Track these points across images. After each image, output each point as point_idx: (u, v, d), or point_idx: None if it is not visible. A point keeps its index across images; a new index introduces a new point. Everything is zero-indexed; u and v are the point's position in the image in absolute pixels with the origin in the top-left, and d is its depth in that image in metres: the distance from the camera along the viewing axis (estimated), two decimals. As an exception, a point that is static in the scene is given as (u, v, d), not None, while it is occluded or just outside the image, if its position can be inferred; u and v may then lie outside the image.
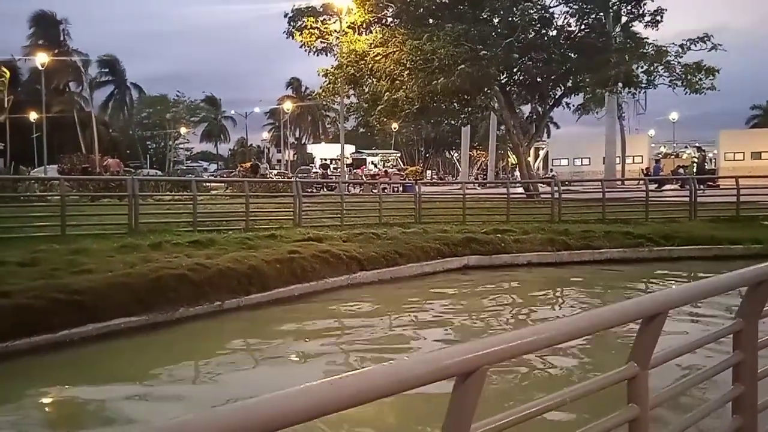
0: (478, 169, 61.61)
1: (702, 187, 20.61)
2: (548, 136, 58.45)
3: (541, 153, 57.12)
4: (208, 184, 30.56)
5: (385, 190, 27.61)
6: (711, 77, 21.72)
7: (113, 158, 40.64)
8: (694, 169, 32.57)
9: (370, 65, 22.36)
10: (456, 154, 60.92)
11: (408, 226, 14.92)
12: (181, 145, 75.58)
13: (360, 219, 16.47)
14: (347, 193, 25.63)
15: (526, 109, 31.10)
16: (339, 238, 12.63)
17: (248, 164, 37.85)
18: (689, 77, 21.85)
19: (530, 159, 48.71)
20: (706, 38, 21.73)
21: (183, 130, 68.81)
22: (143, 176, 29.15)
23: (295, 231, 13.42)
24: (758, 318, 2.92)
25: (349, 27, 23.18)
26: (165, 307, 8.39)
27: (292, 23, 24.18)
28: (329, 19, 23.78)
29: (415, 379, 1.38)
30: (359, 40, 23.04)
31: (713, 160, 46.11)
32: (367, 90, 24.76)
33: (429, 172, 59.70)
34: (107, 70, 65.27)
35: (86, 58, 59.19)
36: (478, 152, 60.58)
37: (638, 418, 2.15)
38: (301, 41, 23.98)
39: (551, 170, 50.04)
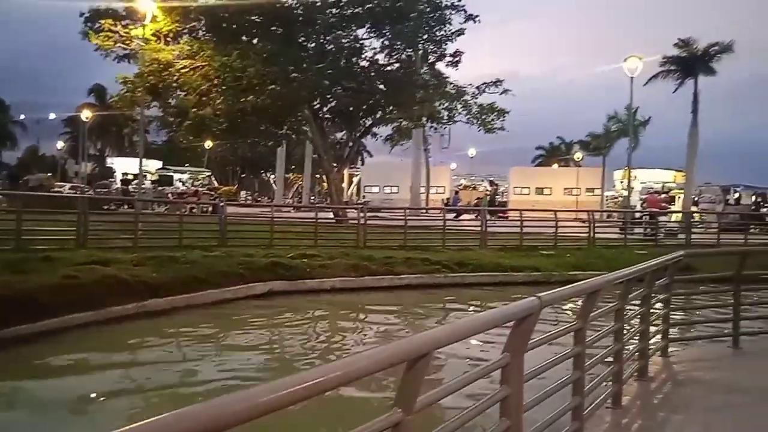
0: (294, 192, 61.48)
1: (493, 218, 22.44)
2: (362, 164, 60.30)
3: (355, 179, 58.68)
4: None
5: (194, 210, 26.17)
6: (502, 118, 24.07)
7: None
8: (486, 202, 35.59)
9: (175, 77, 21.16)
10: (273, 176, 60.18)
11: (211, 250, 14.18)
12: (-47, 150, 65.39)
13: (158, 241, 15.31)
14: (151, 211, 23.85)
15: (342, 135, 31.75)
16: (129, 262, 11.56)
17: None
18: (483, 117, 24.00)
19: (344, 185, 49.80)
20: (498, 83, 24.14)
21: (-46, 132, 59.56)
22: None
23: (78, 253, 12.00)
24: (523, 352, 2.96)
25: (153, 35, 21.72)
26: None
27: (89, 24, 22.09)
28: (133, 24, 22.09)
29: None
30: (164, 50, 21.70)
31: (505, 193, 50.86)
32: (173, 103, 23.37)
33: (244, 192, 58.25)
34: None
35: None
36: (295, 175, 60.52)
37: (399, 469, 1.99)
38: (97, 44, 21.95)
39: (364, 197, 51.56)
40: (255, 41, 22.45)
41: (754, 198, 33.73)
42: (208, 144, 44.27)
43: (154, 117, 26.15)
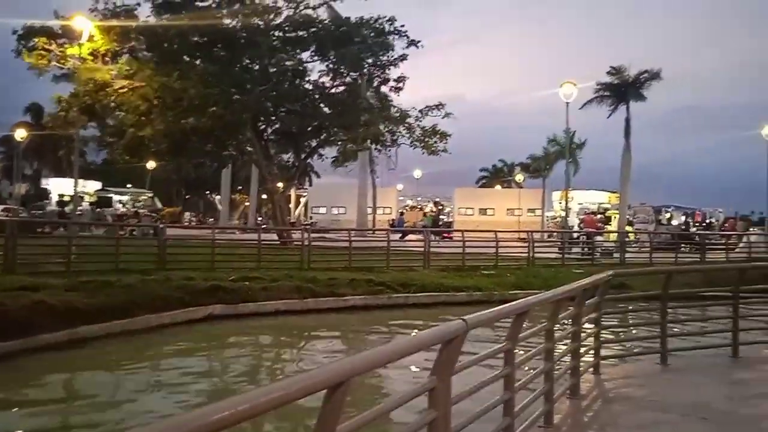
0: (240, 214, 60.55)
1: (437, 238, 22.64)
2: (310, 185, 60.01)
3: (303, 200, 58.32)
4: None
5: (134, 233, 25.42)
6: (444, 141, 24.52)
7: None
8: (430, 222, 35.89)
9: (112, 97, 20.63)
10: (218, 197, 59.13)
11: (149, 273, 13.79)
12: None
13: (93, 265, 14.82)
14: (88, 233, 23.05)
15: (288, 157, 31.54)
16: (62, 287, 11.11)
17: None
18: (426, 140, 24.39)
19: (291, 206, 49.35)
20: (440, 106, 24.61)
21: None
22: None
23: (6, 278, 11.48)
24: (450, 374, 2.98)
25: (91, 54, 21.13)
26: None
27: (22, 42, 21.37)
28: (69, 43, 21.46)
29: None
30: (101, 69, 21.14)
31: (450, 214, 51.47)
32: (111, 123, 22.75)
33: (188, 214, 56.95)
34: None
35: None
36: (242, 196, 59.69)
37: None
38: (30, 63, 21.22)
39: (311, 217, 51.24)
40: (197, 62, 22.16)
41: (683, 218, 35.28)
42: (151, 164, 43.20)
43: (93, 137, 25.37)
